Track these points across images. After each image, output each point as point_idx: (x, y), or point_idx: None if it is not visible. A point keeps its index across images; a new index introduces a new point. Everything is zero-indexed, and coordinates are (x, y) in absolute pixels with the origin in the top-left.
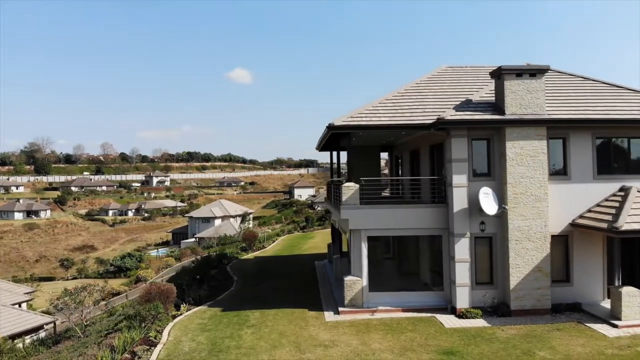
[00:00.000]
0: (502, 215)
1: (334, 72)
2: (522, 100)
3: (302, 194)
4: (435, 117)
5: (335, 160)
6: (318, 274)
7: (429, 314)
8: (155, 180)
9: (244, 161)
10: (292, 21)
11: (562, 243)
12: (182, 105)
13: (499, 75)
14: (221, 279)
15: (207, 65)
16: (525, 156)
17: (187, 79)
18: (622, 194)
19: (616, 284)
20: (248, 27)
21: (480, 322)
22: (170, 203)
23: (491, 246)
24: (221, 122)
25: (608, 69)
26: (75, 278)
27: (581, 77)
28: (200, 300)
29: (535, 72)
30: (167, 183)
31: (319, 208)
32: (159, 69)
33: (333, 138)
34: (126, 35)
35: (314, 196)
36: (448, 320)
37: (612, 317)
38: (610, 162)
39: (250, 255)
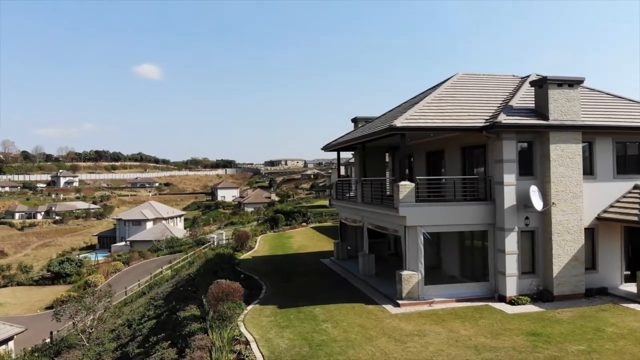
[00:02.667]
0: (545, 211)
1: (245, 69)
2: (562, 107)
3: (226, 195)
4: (477, 120)
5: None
6: (337, 270)
7: (481, 303)
8: (62, 180)
9: (156, 161)
10: (202, 17)
11: (589, 235)
12: (83, 101)
13: (541, 84)
14: (244, 279)
15: (112, 59)
16: (565, 158)
17: (88, 73)
18: (638, 191)
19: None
20: (156, 20)
21: (532, 308)
22: (82, 205)
23: (533, 239)
24: (129, 119)
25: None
26: (5, 286)
27: (599, 91)
28: (245, 299)
29: (573, 83)
30: (76, 184)
31: (251, 209)
32: (52, 61)
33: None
34: (17, 23)
35: (241, 197)
36: (505, 307)
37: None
38: (626, 163)
39: (247, 255)
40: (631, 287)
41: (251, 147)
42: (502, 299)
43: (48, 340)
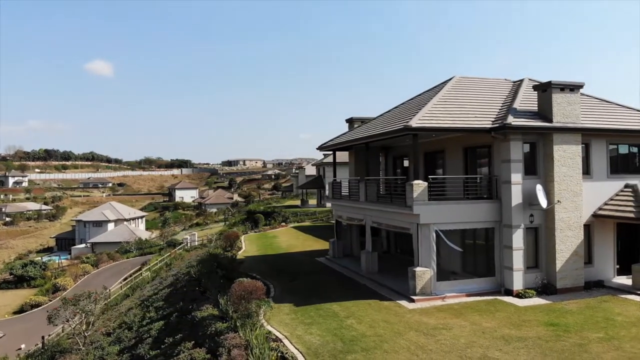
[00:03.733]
0: (548, 209)
1: (201, 67)
2: (564, 110)
3: (184, 196)
4: (483, 122)
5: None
6: (337, 269)
7: (490, 297)
8: (11, 180)
9: (108, 160)
10: (158, 13)
11: (586, 231)
12: (28, 98)
13: (544, 89)
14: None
15: (61, 55)
16: (567, 158)
17: (33, 68)
18: (630, 190)
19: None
20: (108, 14)
21: (539, 300)
22: (33, 206)
23: (537, 235)
24: (80, 118)
25: None
26: None
27: (589, 95)
28: None
29: (574, 88)
30: (25, 184)
31: (213, 210)
32: None
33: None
34: None
35: (202, 198)
36: (514, 301)
37: (636, 288)
38: (618, 164)
39: (239, 255)
40: (623, 280)
41: (207, 147)
42: (508, 292)
43: (39, 345)
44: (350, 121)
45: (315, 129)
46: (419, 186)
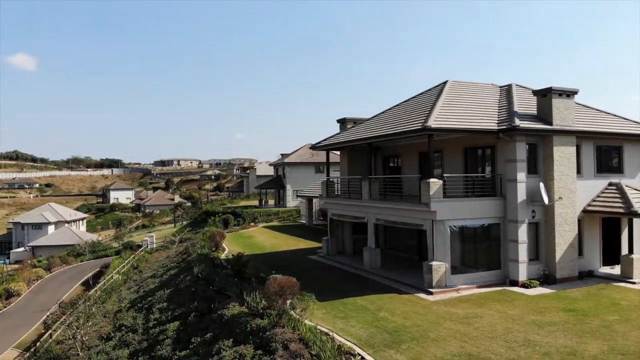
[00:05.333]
0: (548, 205)
1: (128, 62)
2: (562, 114)
3: (120, 197)
4: (487, 124)
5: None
6: (337, 266)
7: (498, 288)
8: None
9: (33, 160)
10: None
11: (578, 225)
12: None
13: (544, 94)
14: (253, 276)
15: None
16: (565, 158)
17: None
18: (615, 188)
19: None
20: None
21: (544, 290)
22: None
23: (537, 230)
24: (1, 114)
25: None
26: None
27: (577, 103)
28: None
29: (570, 93)
30: None
31: (156, 211)
32: None
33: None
34: None
35: (140, 199)
36: (522, 290)
37: (624, 277)
38: (602, 164)
39: (228, 255)
40: (607, 270)
41: (138, 146)
42: (514, 283)
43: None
44: (343, 121)
45: (251, 129)
46: (435, 184)
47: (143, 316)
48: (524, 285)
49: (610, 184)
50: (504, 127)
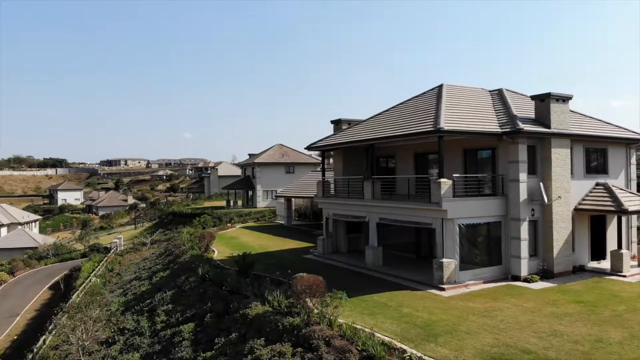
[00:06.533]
0: (547, 204)
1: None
2: (558, 118)
3: (68, 198)
4: (490, 126)
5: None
6: (337, 265)
7: (502, 283)
8: None
9: None
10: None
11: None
12: None
13: (543, 99)
14: (258, 277)
15: None
16: (561, 160)
17: None
18: (602, 187)
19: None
20: None
21: (545, 284)
22: None
23: (536, 227)
24: None
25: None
26: None
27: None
28: None
29: (565, 99)
30: None
31: (110, 212)
32: None
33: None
34: None
35: (91, 200)
36: (526, 285)
37: (615, 271)
38: (590, 165)
39: (220, 256)
40: (596, 264)
41: (83, 145)
42: (515, 278)
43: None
44: (338, 122)
45: (199, 129)
46: (446, 184)
47: (146, 319)
48: (526, 280)
49: (597, 184)
50: (508, 129)
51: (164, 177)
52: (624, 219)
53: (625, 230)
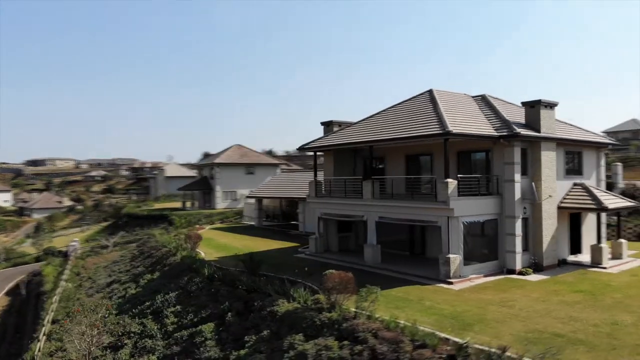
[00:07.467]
0: (537, 202)
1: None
2: (547, 123)
3: None
4: (486, 130)
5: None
6: (334, 263)
7: (500, 276)
8: None
9: None
10: None
11: None
12: None
13: (533, 105)
14: (262, 276)
15: None
16: (549, 161)
17: None
18: (580, 187)
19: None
20: None
21: (539, 276)
22: None
23: (527, 224)
24: None
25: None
26: None
27: None
28: None
29: (552, 105)
30: None
31: (47, 215)
32: None
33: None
34: None
35: (24, 202)
36: (522, 277)
37: (595, 263)
38: (568, 167)
39: (210, 257)
40: (574, 258)
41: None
42: (510, 272)
43: None
44: (330, 124)
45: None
46: (452, 184)
47: (152, 321)
48: (521, 273)
49: (575, 184)
50: (505, 133)
51: (98, 178)
52: (602, 216)
53: (602, 226)
